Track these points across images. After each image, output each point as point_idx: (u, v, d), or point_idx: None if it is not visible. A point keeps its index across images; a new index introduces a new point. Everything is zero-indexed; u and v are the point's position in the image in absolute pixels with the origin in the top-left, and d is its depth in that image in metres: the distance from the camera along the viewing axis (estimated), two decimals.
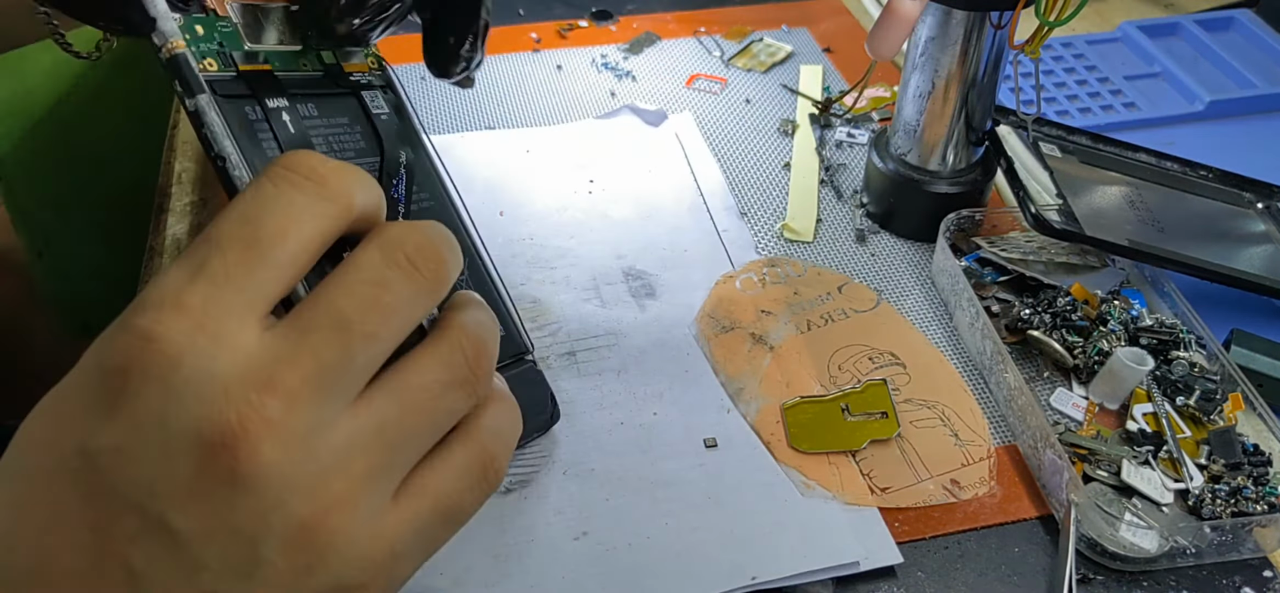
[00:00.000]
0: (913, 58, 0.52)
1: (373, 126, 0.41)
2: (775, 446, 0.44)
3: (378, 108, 0.42)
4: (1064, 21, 0.47)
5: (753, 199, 0.59)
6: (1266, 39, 0.75)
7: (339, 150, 0.40)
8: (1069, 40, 0.75)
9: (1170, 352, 0.48)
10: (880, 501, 0.43)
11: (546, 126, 0.63)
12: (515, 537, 0.41)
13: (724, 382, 0.47)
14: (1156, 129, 0.68)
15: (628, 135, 0.62)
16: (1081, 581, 0.41)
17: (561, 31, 0.72)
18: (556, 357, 0.48)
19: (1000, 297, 0.51)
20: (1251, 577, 0.41)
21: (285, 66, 0.39)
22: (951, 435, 0.45)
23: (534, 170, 0.59)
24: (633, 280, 0.52)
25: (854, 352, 0.49)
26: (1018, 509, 0.43)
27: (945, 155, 0.54)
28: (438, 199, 0.43)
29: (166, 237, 0.56)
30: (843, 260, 0.55)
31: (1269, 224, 0.58)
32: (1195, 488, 0.43)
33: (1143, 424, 0.45)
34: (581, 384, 0.47)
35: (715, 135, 0.63)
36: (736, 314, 0.50)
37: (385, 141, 0.41)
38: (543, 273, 0.53)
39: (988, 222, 0.55)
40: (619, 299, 0.51)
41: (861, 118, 0.65)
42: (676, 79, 0.68)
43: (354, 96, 0.41)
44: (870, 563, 0.40)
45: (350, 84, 0.41)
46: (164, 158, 0.63)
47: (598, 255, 0.54)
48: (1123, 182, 0.57)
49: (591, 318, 0.50)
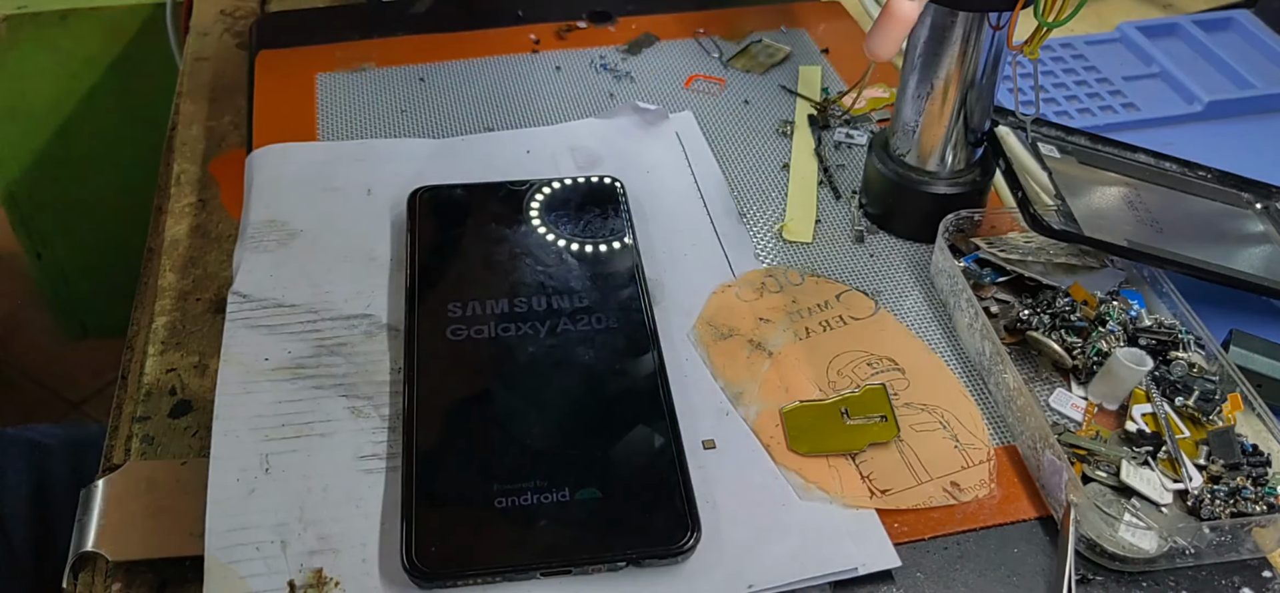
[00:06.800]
0: (911, 58, 0.52)
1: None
2: (774, 448, 0.44)
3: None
4: (1063, 22, 0.47)
5: (751, 200, 0.59)
6: (1265, 39, 0.75)
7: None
8: (1068, 41, 0.75)
9: (1169, 352, 0.48)
10: (880, 502, 0.43)
11: (546, 127, 0.63)
12: None
13: (723, 387, 0.47)
14: (1155, 130, 0.68)
15: (627, 135, 0.62)
16: (1080, 581, 0.41)
17: (560, 32, 0.72)
18: None
19: (999, 297, 0.51)
20: (1251, 577, 0.41)
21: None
22: (951, 439, 0.45)
23: (534, 171, 0.59)
24: None
25: (852, 357, 0.49)
26: (1017, 510, 0.43)
27: (944, 156, 0.54)
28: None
29: (165, 238, 0.56)
30: (841, 261, 0.55)
31: (1268, 224, 0.58)
32: (1194, 489, 0.43)
33: (1142, 425, 0.45)
34: None
35: (714, 136, 0.63)
36: (735, 322, 0.50)
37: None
38: None
39: (986, 222, 0.55)
40: None
41: (860, 119, 0.65)
42: (675, 80, 0.68)
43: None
44: (868, 568, 0.40)
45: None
46: (163, 159, 0.63)
47: None
48: (1121, 182, 0.57)
49: None
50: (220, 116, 0.66)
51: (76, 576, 0.41)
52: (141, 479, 0.43)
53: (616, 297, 0.49)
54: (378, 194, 0.56)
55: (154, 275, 0.55)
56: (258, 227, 0.53)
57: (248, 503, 0.41)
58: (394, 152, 0.60)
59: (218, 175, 0.61)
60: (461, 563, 0.38)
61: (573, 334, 0.47)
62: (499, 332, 0.47)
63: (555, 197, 0.55)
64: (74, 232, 1.19)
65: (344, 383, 0.46)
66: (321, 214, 0.55)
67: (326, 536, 0.40)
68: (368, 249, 0.53)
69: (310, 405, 0.45)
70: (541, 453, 0.42)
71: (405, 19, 0.73)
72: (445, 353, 0.46)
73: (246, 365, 0.46)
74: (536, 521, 0.39)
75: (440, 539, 0.39)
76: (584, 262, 0.51)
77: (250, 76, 0.67)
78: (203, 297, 0.53)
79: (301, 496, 0.41)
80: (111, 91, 1.07)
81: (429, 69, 0.68)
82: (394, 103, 0.64)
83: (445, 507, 0.40)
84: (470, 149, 0.60)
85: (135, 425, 0.46)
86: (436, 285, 0.49)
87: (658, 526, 0.39)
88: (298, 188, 0.56)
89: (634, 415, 0.44)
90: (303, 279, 0.51)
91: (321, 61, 0.67)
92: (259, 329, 0.48)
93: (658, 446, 0.42)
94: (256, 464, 0.42)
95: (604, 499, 0.40)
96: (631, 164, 0.59)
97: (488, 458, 0.42)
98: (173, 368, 0.49)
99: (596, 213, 0.54)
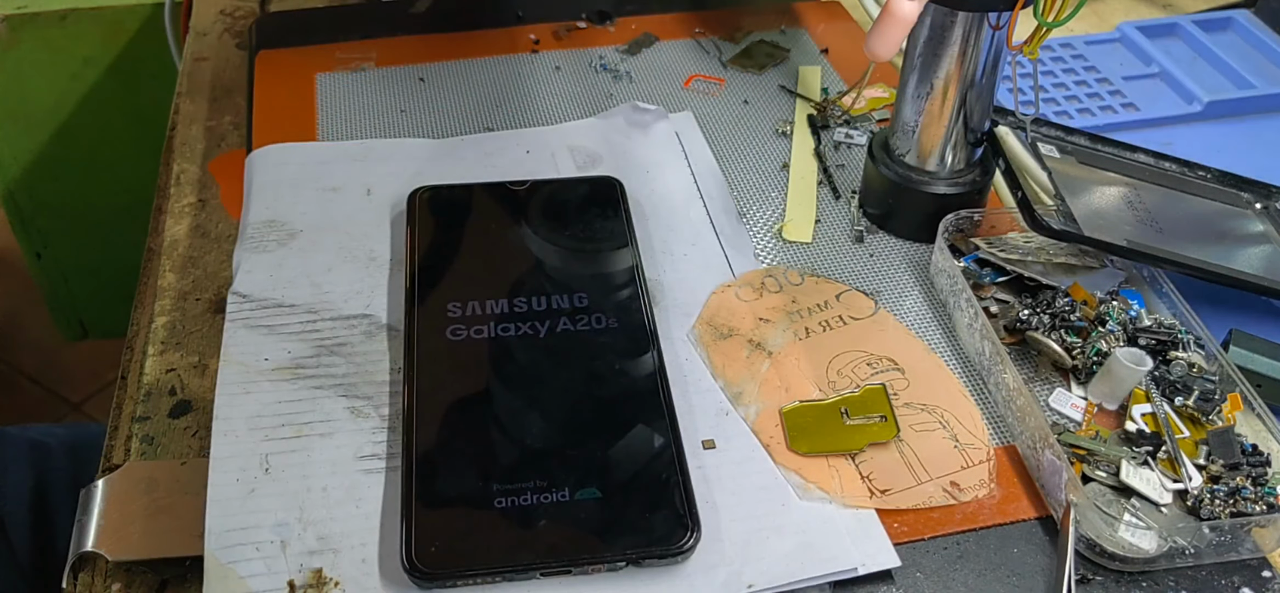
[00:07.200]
0: (911, 58, 0.52)
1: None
2: (774, 448, 0.44)
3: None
4: (1062, 22, 0.47)
5: (751, 200, 0.59)
6: (1265, 39, 0.75)
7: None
8: (1068, 41, 0.75)
9: (1169, 352, 0.48)
10: (879, 502, 0.43)
11: (545, 126, 0.63)
12: None
13: (723, 387, 0.47)
14: (1155, 129, 0.68)
15: (627, 136, 0.62)
16: (1080, 581, 0.41)
17: (559, 33, 0.72)
18: None
19: (999, 297, 0.51)
20: (1250, 577, 0.41)
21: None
22: (951, 439, 0.45)
23: (533, 171, 0.59)
24: None
25: (852, 358, 0.49)
26: (1016, 510, 0.43)
27: (944, 156, 0.54)
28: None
29: (165, 238, 0.56)
30: (841, 261, 0.55)
31: (1267, 224, 0.58)
32: (1194, 488, 0.43)
33: (1141, 425, 0.45)
34: None
35: (713, 136, 0.63)
36: (735, 322, 0.50)
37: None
38: None
39: (986, 222, 0.55)
40: None
41: (860, 119, 0.65)
42: (674, 80, 0.68)
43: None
44: (868, 568, 0.40)
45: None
46: (162, 159, 0.63)
47: None
48: (1121, 182, 0.57)
49: None
50: (220, 116, 0.66)
51: (76, 576, 0.41)
52: (141, 479, 0.43)
53: (616, 297, 0.49)
54: (377, 194, 0.56)
55: (154, 275, 0.55)
56: (257, 227, 0.53)
57: (247, 503, 0.41)
58: (393, 151, 0.60)
59: (217, 175, 0.61)
60: (461, 563, 0.38)
61: (572, 334, 0.47)
62: (498, 332, 0.47)
63: (555, 196, 0.55)
64: (74, 232, 1.19)
65: (344, 383, 0.46)
66: (321, 214, 0.55)
67: (326, 536, 0.40)
68: (367, 249, 0.53)
69: (310, 406, 0.45)
70: (541, 453, 0.42)
71: (405, 19, 0.73)
72: (445, 353, 0.46)
73: (246, 365, 0.46)
74: (536, 521, 0.39)
75: (440, 539, 0.39)
76: (583, 262, 0.51)
77: (250, 76, 0.67)
78: (202, 297, 0.53)
79: (301, 496, 0.41)
80: (111, 92, 1.08)
81: (429, 69, 0.68)
82: (394, 103, 0.64)
83: (445, 507, 0.40)
84: (470, 149, 0.60)
85: (135, 425, 0.46)
86: (436, 285, 0.49)
87: (657, 525, 0.40)
88: (297, 188, 0.56)
89: (634, 415, 0.44)
90: (302, 279, 0.51)
91: (321, 61, 0.67)
92: (259, 329, 0.48)
93: (657, 445, 0.42)
94: (256, 464, 0.42)
95: (604, 499, 0.40)
96: (631, 164, 0.59)
97: (487, 458, 0.42)
98: (172, 368, 0.49)
99: (596, 213, 0.54)
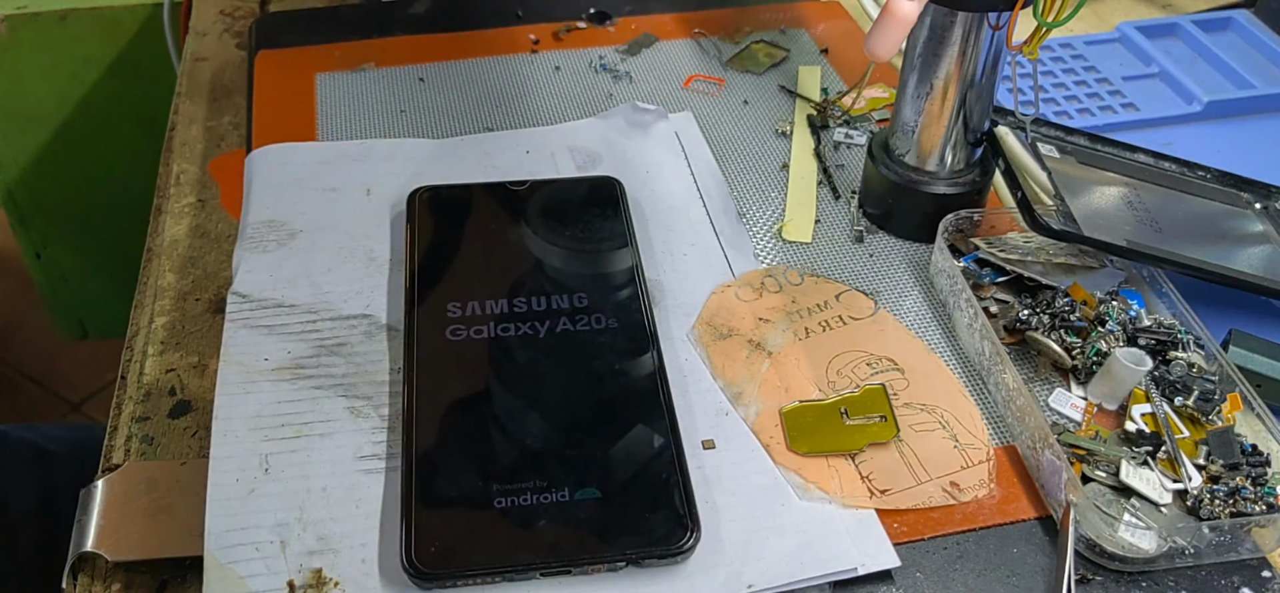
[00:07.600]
0: (911, 59, 0.52)
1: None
2: (774, 448, 0.44)
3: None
4: (1062, 22, 0.47)
5: (750, 200, 0.59)
6: (1265, 40, 0.75)
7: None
8: (1067, 41, 0.75)
9: (1168, 352, 0.48)
10: (879, 502, 0.43)
11: (545, 126, 0.63)
12: None
13: (722, 387, 0.47)
14: (1155, 129, 0.68)
15: (627, 136, 0.62)
16: (1080, 581, 0.41)
17: (559, 33, 0.72)
18: None
19: (998, 297, 0.51)
20: (1250, 577, 0.41)
21: None
22: (951, 439, 0.45)
23: (533, 171, 0.59)
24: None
25: (852, 358, 0.49)
26: (1016, 510, 0.43)
27: (943, 156, 0.54)
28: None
29: (165, 238, 0.56)
30: (841, 261, 0.55)
31: (1267, 224, 0.58)
32: (1194, 488, 0.43)
33: (1141, 425, 0.45)
34: None
35: (713, 136, 0.63)
36: (734, 322, 0.50)
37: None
38: None
39: (986, 222, 0.55)
40: None
41: (859, 119, 0.65)
42: (674, 80, 0.68)
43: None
44: (868, 568, 0.40)
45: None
46: (162, 159, 0.63)
47: None
48: (1121, 182, 0.57)
49: None
50: (220, 117, 0.66)
51: (76, 576, 0.41)
52: (141, 479, 0.43)
53: (616, 297, 0.49)
54: (377, 194, 0.56)
55: (154, 276, 0.55)
56: (257, 227, 0.53)
57: (247, 503, 0.41)
58: (393, 151, 0.60)
59: (217, 175, 0.61)
60: (461, 563, 0.38)
61: (572, 334, 0.47)
62: (498, 332, 0.47)
63: (554, 197, 0.55)
64: (74, 232, 1.19)
65: (343, 383, 0.46)
66: (321, 214, 0.55)
67: (326, 536, 0.40)
68: (367, 249, 0.53)
69: (310, 405, 0.45)
70: (541, 453, 0.42)
71: (405, 19, 0.73)
72: (444, 353, 0.46)
73: (246, 366, 0.46)
74: (536, 521, 0.39)
75: (440, 539, 0.39)
76: (583, 262, 0.51)
77: (250, 77, 0.67)
78: (202, 297, 0.53)
79: (301, 496, 0.41)
80: (111, 92, 1.07)
81: (429, 69, 0.68)
82: (393, 103, 0.64)
83: (445, 507, 0.40)
84: (469, 149, 0.60)
85: (135, 426, 0.46)
86: (436, 285, 0.49)
87: (657, 525, 0.40)
88: (297, 188, 0.56)
89: (633, 415, 0.44)
90: (302, 279, 0.51)
91: (321, 61, 0.67)
92: (258, 329, 0.48)
93: (657, 446, 0.42)
94: (256, 464, 0.42)
95: (603, 499, 0.40)
96: (631, 164, 0.59)
97: (487, 458, 0.42)
98: (172, 368, 0.49)
99: (596, 213, 0.54)
